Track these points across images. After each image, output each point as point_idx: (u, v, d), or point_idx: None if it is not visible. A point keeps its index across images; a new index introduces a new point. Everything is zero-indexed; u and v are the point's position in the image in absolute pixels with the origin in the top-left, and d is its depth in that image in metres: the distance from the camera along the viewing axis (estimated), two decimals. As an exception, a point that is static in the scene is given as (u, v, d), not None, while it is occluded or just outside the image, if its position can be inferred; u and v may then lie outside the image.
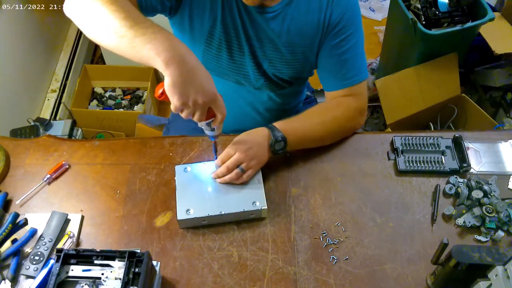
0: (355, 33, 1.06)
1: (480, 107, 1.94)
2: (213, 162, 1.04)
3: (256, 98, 1.21)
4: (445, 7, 1.87)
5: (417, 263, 0.94)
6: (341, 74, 1.09)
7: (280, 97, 1.22)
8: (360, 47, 1.09)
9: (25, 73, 2.01)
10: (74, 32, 2.45)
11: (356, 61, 1.09)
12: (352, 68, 1.09)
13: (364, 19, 2.85)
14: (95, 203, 1.02)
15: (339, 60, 1.08)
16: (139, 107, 2.30)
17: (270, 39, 1.06)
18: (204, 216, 0.96)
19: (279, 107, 1.25)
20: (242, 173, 0.99)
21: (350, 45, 1.06)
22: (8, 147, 1.12)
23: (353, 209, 1.02)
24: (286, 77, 1.14)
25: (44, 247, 0.93)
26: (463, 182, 1.04)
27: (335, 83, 1.12)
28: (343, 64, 1.08)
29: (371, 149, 1.13)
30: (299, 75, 1.16)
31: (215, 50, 1.08)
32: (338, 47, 1.06)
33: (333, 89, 1.12)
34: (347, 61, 1.08)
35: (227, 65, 1.12)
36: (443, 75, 1.96)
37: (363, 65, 1.11)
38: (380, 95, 2.02)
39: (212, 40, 1.06)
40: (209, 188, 1.01)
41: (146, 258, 0.80)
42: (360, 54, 1.09)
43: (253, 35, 1.05)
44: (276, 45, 1.06)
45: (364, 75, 1.11)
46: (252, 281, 0.92)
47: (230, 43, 1.06)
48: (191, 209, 0.97)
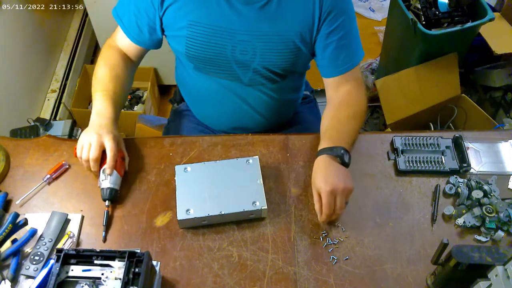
0: (348, 19, 1.07)
1: (480, 107, 1.94)
2: (214, 163, 1.04)
3: (248, 94, 1.20)
4: (445, 7, 1.87)
5: (417, 263, 0.94)
6: (339, 60, 1.10)
7: (274, 93, 1.20)
8: (355, 32, 1.11)
9: (25, 73, 2.01)
10: (74, 32, 2.45)
11: (353, 45, 1.11)
12: (349, 53, 1.10)
13: (364, 19, 2.85)
14: (95, 203, 1.02)
15: (337, 46, 1.08)
16: (139, 107, 2.30)
17: (260, 30, 1.05)
18: (204, 216, 0.96)
19: (274, 104, 1.23)
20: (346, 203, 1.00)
21: (346, 30, 1.07)
22: (8, 147, 1.12)
23: (353, 209, 1.02)
24: (279, 70, 1.13)
25: (44, 247, 0.93)
26: (463, 182, 1.04)
27: (333, 69, 1.12)
28: (341, 50, 1.09)
29: (371, 149, 1.13)
30: (292, 68, 1.14)
31: (199, 51, 1.09)
32: (335, 33, 1.07)
33: (332, 76, 1.13)
34: (345, 46, 1.09)
35: (212, 65, 1.12)
36: (443, 75, 1.96)
37: (358, 47, 1.13)
38: (380, 95, 2.02)
39: (191, 40, 1.07)
40: (209, 188, 1.01)
41: (146, 258, 0.80)
42: (356, 38, 1.12)
43: (239, 30, 1.05)
44: (266, 35, 1.06)
45: (358, 58, 1.13)
46: (252, 281, 0.92)
47: (210, 42, 1.07)
48: (191, 209, 0.97)
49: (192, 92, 1.31)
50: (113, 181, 1.00)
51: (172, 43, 1.14)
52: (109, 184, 0.99)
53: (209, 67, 1.13)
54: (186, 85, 1.30)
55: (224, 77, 1.16)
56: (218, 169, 1.04)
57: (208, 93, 1.23)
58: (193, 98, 1.34)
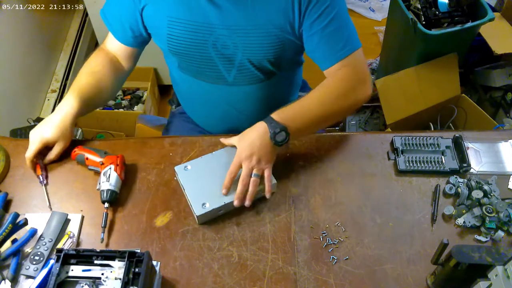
0: (333, 4, 1.02)
1: (480, 107, 1.94)
2: (211, 154, 1.04)
3: (234, 96, 1.18)
4: (445, 7, 1.87)
5: (417, 263, 0.94)
6: (330, 49, 1.05)
7: (261, 91, 1.17)
8: (343, 17, 1.05)
9: (25, 73, 2.01)
10: (74, 32, 2.45)
11: (342, 32, 1.04)
12: (340, 40, 1.05)
13: (364, 19, 2.85)
14: (95, 203, 1.02)
15: (323, 35, 1.03)
16: (139, 107, 2.30)
17: (238, 24, 1.03)
18: (221, 205, 0.96)
19: (262, 105, 1.20)
20: (258, 178, 0.98)
21: (330, 18, 1.02)
22: (8, 147, 1.12)
23: (353, 209, 1.02)
24: (264, 63, 1.09)
25: (44, 247, 0.93)
26: (463, 182, 1.04)
27: (327, 60, 1.07)
28: (328, 38, 1.04)
29: (371, 149, 1.13)
30: (277, 61, 1.10)
31: (181, 48, 1.08)
32: (318, 22, 1.02)
33: (327, 66, 1.07)
34: (332, 34, 1.04)
35: (196, 62, 1.11)
36: (443, 75, 1.96)
37: (352, 35, 1.06)
38: (380, 95, 2.01)
39: (172, 37, 1.07)
40: (215, 179, 1.00)
41: (146, 258, 0.80)
42: (344, 24, 1.05)
43: (218, 25, 1.03)
44: (245, 29, 1.03)
45: (355, 45, 1.06)
46: (252, 281, 0.92)
47: (191, 39, 1.06)
48: (207, 202, 0.97)
49: (182, 93, 1.31)
50: (113, 183, 1.00)
51: (156, 41, 1.13)
52: (108, 186, 0.99)
53: (193, 64, 1.12)
54: (177, 85, 1.30)
55: (208, 78, 1.15)
56: (217, 160, 1.04)
57: (196, 96, 1.23)
58: (183, 100, 1.35)
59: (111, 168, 1.01)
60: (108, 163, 1.02)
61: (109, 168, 1.01)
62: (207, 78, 1.15)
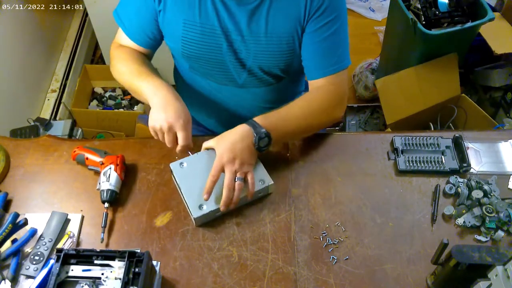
0: (337, 19, 1.03)
1: (480, 107, 1.94)
2: (205, 151, 1.03)
3: (241, 97, 1.19)
4: (445, 7, 1.87)
5: (417, 263, 0.94)
6: (322, 62, 1.07)
7: (270, 94, 1.19)
8: (343, 32, 1.06)
9: (25, 73, 2.01)
10: (74, 32, 2.45)
11: (338, 47, 1.06)
12: (334, 55, 1.06)
13: (364, 19, 2.85)
14: (95, 203, 1.02)
15: (320, 47, 1.05)
16: (139, 107, 2.31)
17: (252, 31, 1.04)
18: (218, 207, 0.96)
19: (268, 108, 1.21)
20: (243, 181, 0.97)
21: (332, 31, 1.03)
22: (8, 147, 1.12)
23: (353, 209, 1.02)
24: (273, 71, 1.11)
25: (44, 247, 0.93)
26: (463, 182, 1.04)
27: (317, 71, 1.08)
28: (324, 51, 1.05)
29: (371, 149, 1.13)
30: (287, 69, 1.12)
31: (195, 50, 1.08)
32: (320, 33, 1.03)
33: (315, 77, 1.09)
34: (329, 48, 1.05)
35: (208, 64, 1.11)
36: (443, 75, 1.96)
37: (345, 51, 1.08)
38: (380, 95, 2.02)
39: (187, 39, 1.07)
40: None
41: (146, 258, 0.80)
42: (342, 40, 1.06)
43: (233, 30, 1.04)
44: (259, 36, 1.04)
45: (346, 63, 1.08)
46: (252, 281, 0.92)
47: (205, 42, 1.06)
48: (204, 204, 0.97)
49: (188, 92, 1.31)
50: (113, 183, 1.00)
51: (169, 42, 1.13)
52: (108, 186, 0.99)
53: (205, 66, 1.12)
54: (182, 84, 1.30)
55: (218, 79, 1.16)
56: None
57: (203, 96, 1.23)
58: (188, 99, 1.34)
59: (111, 168, 1.01)
60: (108, 163, 1.02)
61: (109, 168, 1.01)
62: (217, 79, 1.16)
